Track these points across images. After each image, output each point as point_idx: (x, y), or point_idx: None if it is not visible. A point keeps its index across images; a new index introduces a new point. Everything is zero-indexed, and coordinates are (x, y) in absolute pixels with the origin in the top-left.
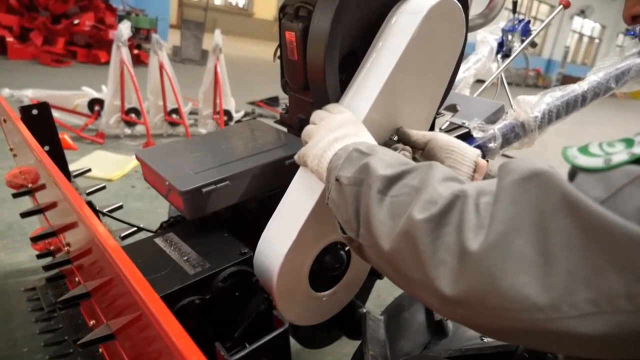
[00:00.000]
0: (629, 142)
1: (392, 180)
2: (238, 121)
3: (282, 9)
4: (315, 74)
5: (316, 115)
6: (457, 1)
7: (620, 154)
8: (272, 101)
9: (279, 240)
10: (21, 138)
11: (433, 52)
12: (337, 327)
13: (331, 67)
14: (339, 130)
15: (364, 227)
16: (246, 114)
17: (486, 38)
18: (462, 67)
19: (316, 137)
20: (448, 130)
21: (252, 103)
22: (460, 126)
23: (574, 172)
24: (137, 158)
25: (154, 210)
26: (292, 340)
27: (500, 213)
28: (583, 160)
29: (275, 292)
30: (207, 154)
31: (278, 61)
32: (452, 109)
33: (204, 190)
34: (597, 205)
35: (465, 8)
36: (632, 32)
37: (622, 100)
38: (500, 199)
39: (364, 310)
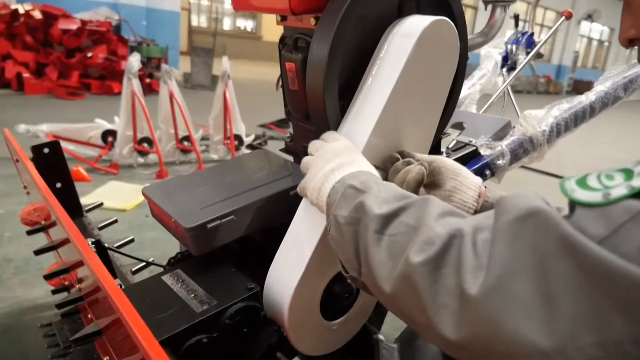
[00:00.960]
0: (629, 174)
1: (389, 219)
2: (249, 145)
3: (281, 41)
4: (315, 103)
5: (312, 146)
6: (449, 20)
7: (619, 188)
8: (283, 123)
9: (287, 273)
10: (30, 178)
11: (429, 72)
12: (352, 356)
13: (331, 96)
14: (335, 161)
15: (365, 266)
16: (257, 138)
17: (490, 53)
18: (467, 84)
19: (314, 170)
20: (455, 150)
21: (263, 126)
22: (467, 144)
23: (574, 205)
24: (144, 195)
25: (168, 240)
26: None
27: (498, 255)
28: (581, 195)
29: (287, 325)
30: (213, 188)
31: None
32: (459, 127)
33: (209, 226)
34: (596, 247)
35: (464, 28)
36: None
37: (638, 104)
38: (498, 240)
39: (378, 337)
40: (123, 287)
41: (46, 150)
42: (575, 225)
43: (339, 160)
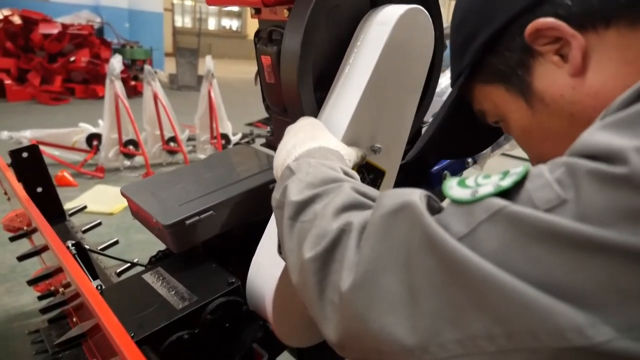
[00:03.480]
0: (505, 174)
1: (303, 206)
2: (236, 144)
3: (257, 34)
4: (290, 96)
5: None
6: (423, 8)
7: (487, 186)
8: (270, 121)
9: (269, 265)
10: (8, 184)
11: (405, 60)
12: None
13: (305, 88)
14: (297, 136)
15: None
16: (244, 136)
17: None
18: (448, 73)
19: (279, 148)
20: None
21: (251, 124)
22: None
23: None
24: (123, 194)
25: (156, 241)
26: None
27: (367, 250)
28: (455, 192)
29: (271, 318)
30: (192, 185)
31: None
32: None
33: (188, 222)
34: (454, 242)
35: (438, 16)
36: None
37: None
38: (369, 235)
39: None
40: (103, 287)
41: (25, 154)
42: (441, 221)
43: (301, 134)
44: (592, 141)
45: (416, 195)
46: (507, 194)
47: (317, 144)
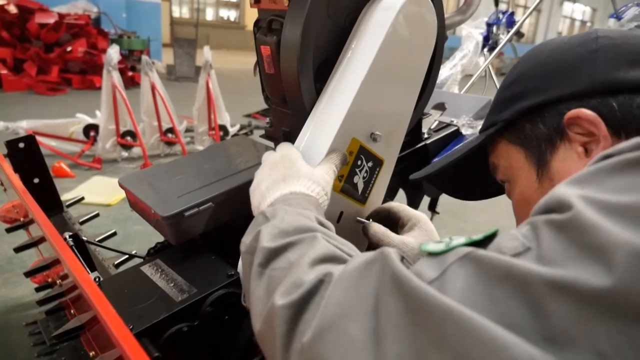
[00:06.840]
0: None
1: (276, 253)
2: (235, 135)
3: (256, 24)
4: (290, 86)
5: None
6: None
7: (460, 239)
8: (269, 112)
9: None
10: (5, 175)
11: (407, 47)
12: None
13: (306, 78)
14: (270, 176)
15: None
16: (242, 127)
17: (471, 33)
18: (449, 64)
19: (255, 181)
20: (437, 130)
21: (249, 115)
22: (449, 124)
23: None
24: (121, 185)
25: (154, 232)
26: None
27: (336, 296)
28: (430, 246)
29: None
30: (190, 176)
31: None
32: (440, 107)
33: (187, 214)
34: (420, 282)
35: (440, 6)
36: (614, 15)
37: None
38: (341, 281)
39: None
40: (101, 279)
41: (21, 145)
42: (414, 270)
43: (273, 175)
44: (545, 199)
45: (392, 250)
46: (479, 245)
47: (288, 190)
